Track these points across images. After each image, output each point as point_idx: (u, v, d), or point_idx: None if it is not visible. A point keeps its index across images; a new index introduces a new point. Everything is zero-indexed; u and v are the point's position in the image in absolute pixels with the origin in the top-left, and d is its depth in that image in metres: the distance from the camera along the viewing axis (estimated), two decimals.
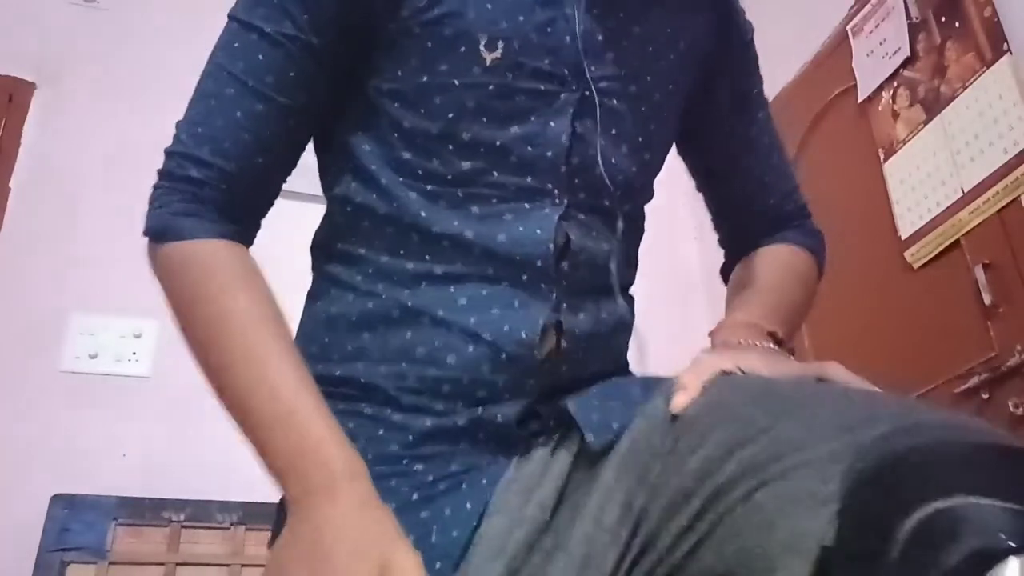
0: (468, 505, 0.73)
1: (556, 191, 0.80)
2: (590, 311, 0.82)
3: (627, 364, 0.90)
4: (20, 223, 2.26)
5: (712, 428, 0.66)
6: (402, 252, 0.79)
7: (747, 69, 1.00)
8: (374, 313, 0.79)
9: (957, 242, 1.93)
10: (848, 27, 2.35)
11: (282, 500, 0.73)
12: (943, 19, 2.04)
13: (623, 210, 0.85)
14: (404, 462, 0.75)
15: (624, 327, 0.87)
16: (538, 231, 0.78)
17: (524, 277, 0.78)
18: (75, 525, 1.96)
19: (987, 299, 1.82)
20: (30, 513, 1.94)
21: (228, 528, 2.07)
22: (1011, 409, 1.72)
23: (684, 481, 0.65)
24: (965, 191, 1.92)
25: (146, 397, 2.16)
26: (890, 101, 2.17)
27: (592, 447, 0.73)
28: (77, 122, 2.41)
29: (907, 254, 2.06)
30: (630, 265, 0.91)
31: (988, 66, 1.89)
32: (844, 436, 0.57)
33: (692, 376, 0.72)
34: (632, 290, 0.92)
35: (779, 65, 2.54)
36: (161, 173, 0.80)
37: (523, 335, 0.76)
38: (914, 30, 2.11)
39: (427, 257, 0.79)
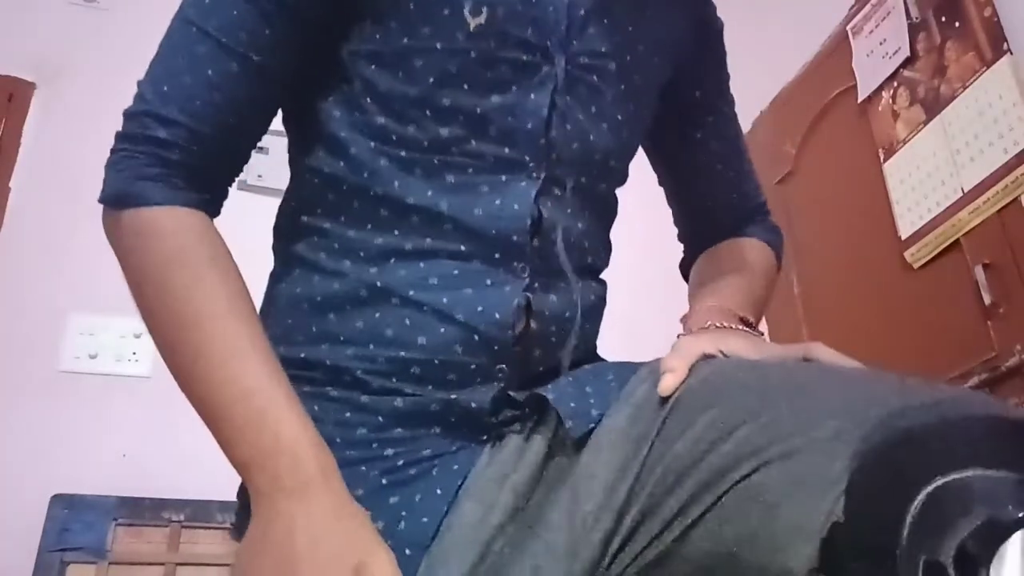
0: (439, 491, 0.71)
1: (533, 164, 0.78)
2: (562, 292, 0.80)
3: (595, 348, 0.88)
4: (20, 223, 2.26)
5: (702, 410, 0.65)
6: (370, 226, 0.76)
7: (718, 63, 1.00)
8: (340, 293, 0.76)
9: (957, 242, 1.93)
10: (848, 27, 2.35)
11: (244, 491, 0.70)
12: (943, 19, 2.04)
13: (598, 189, 0.84)
14: (373, 446, 0.73)
15: (595, 311, 0.85)
16: (515, 206, 0.76)
17: (496, 255, 0.76)
18: (75, 525, 1.96)
19: (987, 299, 1.82)
20: (30, 513, 1.94)
21: (228, 528, 2.07)
22: None
23: (674, 464, 0.64)
24: (965, 191, 1.92)
25: (146, 397, 2.15)
26: (890, 101, 2.17)
27: (572, 434, 0.71)
28: (77, 122, 2.40)
29: (907, 254, 2.06)
30: (604, 247, 0.89)
31: (988, 66, 1.89)
32: (845, 416, 0.57)
33: (677, 359, 0.72)
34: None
35: (779, 65, 2.54)
36: (121, 136, 0.74)
37: (497, 315, 0.74)
38: (914, 30, 2.11)
39: (396, 232, 0.76)
